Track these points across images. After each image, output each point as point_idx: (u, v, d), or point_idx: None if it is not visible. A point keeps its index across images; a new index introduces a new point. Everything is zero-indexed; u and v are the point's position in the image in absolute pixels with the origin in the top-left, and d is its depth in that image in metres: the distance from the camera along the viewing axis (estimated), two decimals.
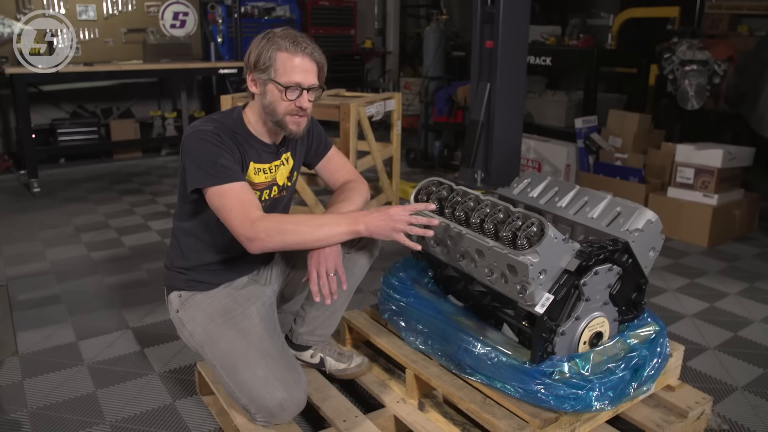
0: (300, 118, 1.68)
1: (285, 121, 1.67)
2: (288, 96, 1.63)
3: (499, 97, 3.84)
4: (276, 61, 1.62)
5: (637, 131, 4.23)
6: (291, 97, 1.63)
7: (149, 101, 6.22)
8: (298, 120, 1.68)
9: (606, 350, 1.67)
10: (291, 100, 1.64)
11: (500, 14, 3.68)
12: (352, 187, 1.89)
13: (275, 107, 1.65)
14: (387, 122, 4.43)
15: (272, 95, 1.65)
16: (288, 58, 1.62)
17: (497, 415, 1.61)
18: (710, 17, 5.68)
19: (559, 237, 1.53)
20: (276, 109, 1.65)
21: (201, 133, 1.63)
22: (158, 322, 2.60)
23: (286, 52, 1.62)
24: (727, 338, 2.53)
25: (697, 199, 3.65)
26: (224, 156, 1.60)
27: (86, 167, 5.56)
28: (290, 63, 1.62)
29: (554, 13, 6.94)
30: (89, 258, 3.35)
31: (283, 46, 1.62)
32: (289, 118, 1.67)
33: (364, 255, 1.89)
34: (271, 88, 1.64)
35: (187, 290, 1.82)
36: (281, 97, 1.64)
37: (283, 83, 1.62)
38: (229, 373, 1.67)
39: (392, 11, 8.02)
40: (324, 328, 1.99)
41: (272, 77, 1.63)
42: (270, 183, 1.78)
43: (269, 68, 1.63)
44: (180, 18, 5.71)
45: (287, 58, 1.62)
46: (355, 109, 3.53)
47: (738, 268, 3.30)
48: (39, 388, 2.12)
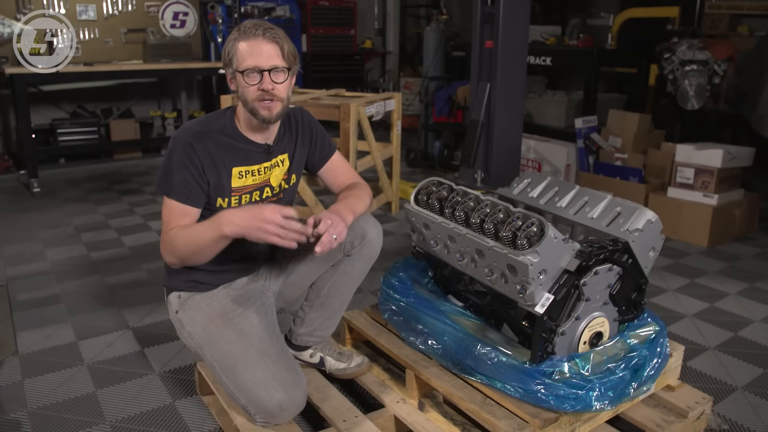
0: (270, 102, 1.66)
1: (256, 107, 1.66)
2: (248, 81, 1.63)
3: (499, 97, 3.84)
4: (236, 51, 1.63)
5: (637, 131, 4.23)
6: (251, 82, 1.63)
7: (149, 101, 6.22)
8: (268, 105, 1.66)
9: (606, 350, 1.67)
10: (253, 85, 1.63)
11: (500, 14, 3.69)
12: (360, 189, 1.89)
13: (245, 96, 1.66)
14: (387, 122, 4.44)
15: (240, 85, 1.66)
16: (243, 45, 1.63)
17: (497, 415, 1.61)
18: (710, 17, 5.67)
19: (559, 237, 1.53)
20: (246, 97, 1.66)
21: (179, 138, 1.66)
22: (158, 322, 2.60)
23: (242, 40, 1.63)
24: (727, 338, 2.53)
25: (697, 199, 3.65)
26: (184, 171, 1.63)
27: (86, 167, 5.56)
28: (246, 49, 1.62)
29: (554, 13, 6.93)
30: (89, 258, 3.35)
31: (240, 36, 1.63)
32: (258, 104, 1.65)
33: (363, 257, 1.88)
34: (238, 79, 1.65)
35: (186, 291, 1.81)
36: (244, 83, 1.64)
37: (242, 69, 1.63)
38: (229, 374, 1.67)
39: (392, 11, 8.02)
40: (323, 329, 1.99)
41: (235, 67, 1.64)
42: (260, 185, 1.77)
43: (232, 59, 1.64)
44: (180, 18, 5.71)
45: (243, 45, 1.63)
46: (355, 109, 3.53)
47: (738, 268, 3.30)
48: (39, 388, 2.12)
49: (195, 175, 1.64)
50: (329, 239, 1.57)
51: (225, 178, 1.70)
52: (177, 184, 1.63)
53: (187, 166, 1.63)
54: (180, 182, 1.63)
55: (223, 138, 1.70)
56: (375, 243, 1.88)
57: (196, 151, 1.64)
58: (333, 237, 1.57)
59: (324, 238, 1.56)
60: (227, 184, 1.70)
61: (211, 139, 1.68)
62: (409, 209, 1.91)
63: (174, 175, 1.63)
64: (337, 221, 1.60)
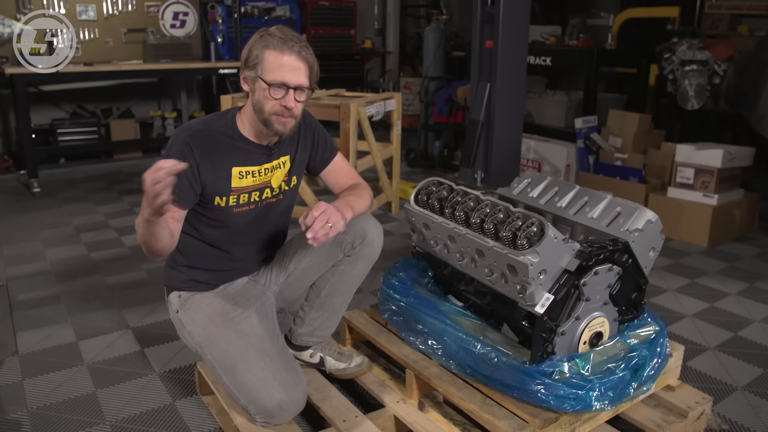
0: (286, 118, 1.65)
1: (271, 120, 1.65)
2: (272, 94, 1.61)
3: (499, 97, 3.84)
4: (264, 58, 1.61)
5: (637, 131, 4.23)
6: (276, 96, 1.61)
7: (149, 101, 6.22)
8: (284, 120, 1.65)
9: (606, 350, 1.67)
10: (276, 99, 1.62)
11: (500, 14, 3.69)
12: (360, 189, 1.88)
13: (262, 105, 1.64)
14: (387, 122, 4.44)
15: (260, 93, 1.63)
16: (275, 55, 1.60)
17: (497, 415, 1.61)
18: (710, 17, 5.67)
19: (559, 237, 1.53)
20: (263, 107, 1.64)
21: (177, 136, 1.66)
22: (158, 322, 2.60)
23: (274, 50, 1.60)
24: (727, 338, 2.53)
25: (697, 199, 3.65)
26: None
27: (86, 167, 5.55)
28: (277, 61, 1.60)
29: (554, 13, 6.93)
30: (89, 258, 3.35)
31: (272, 43, 1.60)
32: (274, 118, 1.64)
33: (364, 258, 1.88)
34: (259, 86, 1.63)
35: (186, 291, 1.82)
36: (266, 95, 1.62)
37: (269, 80, 1.61)
38: (229, 373, 1.67)
39: (392, 11, 8.02)
40: (323, 329, 1.99)
41: (259, 74, 1.62)
42: (261, 185, 1.77)
43: (257, 65, 1.62)
44: (180, 18, 5.71)
45: (274, 56, 1.60)
46: (355, 109, 3.53)
47: (738, 268, 3.30)
48: (39, 388, 2.12)
49: (188, 175, 1.62)
50: (322, 226, 1.53)
51: (224, 177, 1.69)
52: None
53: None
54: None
55: (224, 138, 1.70)
56: (376, 243, 1.87)
57: (193, 151, 1.64)
58: (327, 224, 1.54)
59: (316, 225, 1.53)
60: (227, 184, 1.70)
61: (211, 138, 1.68)
62: (409, 209, 1.91)
63: None
64: (332, 210, 1.57)
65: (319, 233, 1.53)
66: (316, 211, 1.54)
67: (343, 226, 1.61)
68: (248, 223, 1.80)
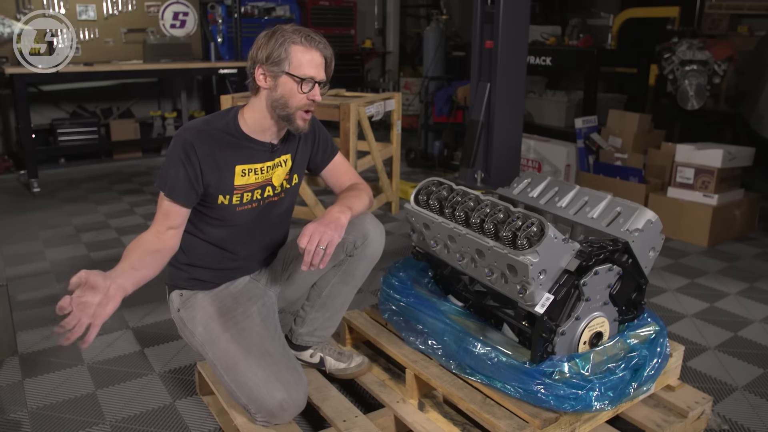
0: (308, 113, 1.70)
1: (295, 115, 1.67)
2: (303, 89, 1.64)
3: (499, 97, 3.84)
4: (291, 54, 1.63)
5: (637, 131, 4.23)
6: (305, 90, 1.64)
7: (149, 101, 6.22)
8: (306, 116, 1.70)
9: (606, 350, 1.67)
10: (305, 93, 1.65)
11: (500, 14, 3.69)
12: (359, 189, 1.89)
13: (287, 100, 1.66)
14: (387, 122, 4.44)
15: (285, 88, 1.65)
16: (303, 51, 1.63)
17: (497, 415, 1.61)
18: (710, 17, 5.67)
19: (559, 237, 1.53)
20: (288, 102, 1.66)
21: (180, 136, 1.67)
22: (158, 321, 2.60)
23: (301, 46, 1.63)
24: (727, 338, 2.53)
25: (697, 199, 3.65)
26: (179, 168, 1.63)
27: (86, 167, 5.56)
28: (305, 57, 1.64)
29: (554, 13, 6.93)
30: (89, 258, 3.35)
31: (298, 40, 1.63)
32: (299, 113, 1.68)
33: (366, 258, 1.88)
34: (285, 81, 1.64)
35: (188, 289, 1.82)
36: (297, 89, 1.64)
37: (300, 75, 1.63)
38: (230, 372, 1.67)
39: (392, 11, 8.02)
40: (324, 329, 1.99)
41: (286, 70, 1.63)
42: (263, 183, 1.77)
43: (283, 61, 1.63)
44: (180, 18, 5.71)
45: (302, 52, 1.63)
46: (355, 109, 3.53)
47: (738, 268, 3.30)
48: (39, 388, 2.12)
49: (190, 174, 1.63)
50: (314, 250, 1.56)
51: (228, 176, 1.70)
52: (170, 180, 1.64)
53: (184, 163, 1.63)
54: (173, 178, 1.63)
55: (227, 136, 1.70)
56: (377, 244, 1.87)
57: (196, 150, 1.64)
58: (320, 247, 1.57)
59: (306, 258, 1.56)
60: (230, 182, 1.71)
61: (213, 137, 1.68)
62: (409, 209, 1.91)
63: (169, 171, 1.64)
64: (321, 230, 1.58)
65: (315, 260, 1.57)
66: (302, 241, 1.56)
67: (340, 235, 1.63)
68: (250, 221, 1.80)
